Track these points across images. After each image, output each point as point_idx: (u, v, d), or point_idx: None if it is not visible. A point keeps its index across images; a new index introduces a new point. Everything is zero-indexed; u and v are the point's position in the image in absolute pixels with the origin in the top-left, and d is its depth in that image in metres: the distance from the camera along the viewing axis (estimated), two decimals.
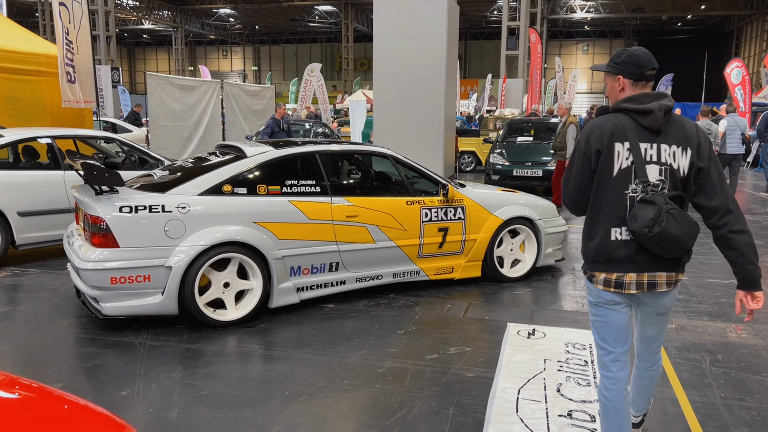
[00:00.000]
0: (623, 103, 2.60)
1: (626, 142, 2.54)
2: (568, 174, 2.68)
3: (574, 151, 2.66)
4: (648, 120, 2.54)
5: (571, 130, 10.17)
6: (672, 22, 49.50)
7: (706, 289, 5.77)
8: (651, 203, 2.48)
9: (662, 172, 2.55)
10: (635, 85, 2.64)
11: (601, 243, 2.60)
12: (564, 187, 2.71)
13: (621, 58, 2.66)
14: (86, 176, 4.41)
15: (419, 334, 4.57)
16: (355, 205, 5.14)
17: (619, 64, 2.66)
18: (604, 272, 2.61)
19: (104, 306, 4.40)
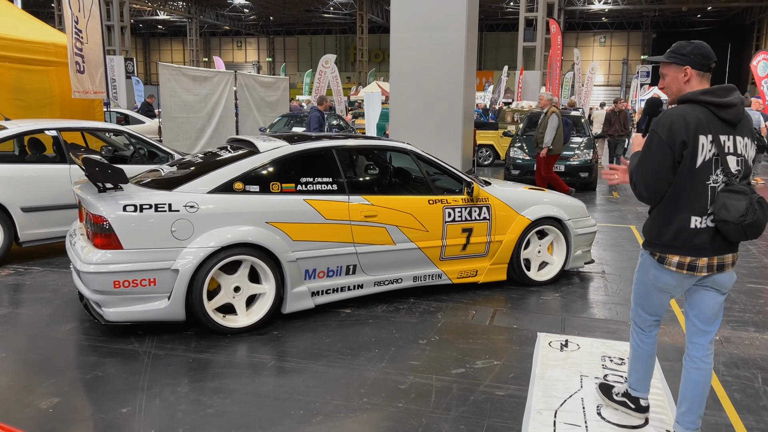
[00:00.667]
0: (702, 95, 2.66)
1: (709, 135, 2.64)
2: (642, 162, 2.72)
3: (651, 140, 2.69)
4: (729, 113, 2.65)
5: (552, 120, 9.82)
6: (692, 14, 48.55)
7: (748, 296, 5.40)
8: (740, 193, 2.62)
9: (739, 163, 2.70)
10: (701, 78, 2.75)
11: (679, 229, 2.73)
12: (639, 175, 2.73)
13: (688, 50, 2.73)
14: (87, 172, 4.12)
15: (443, 344, 4.25)
16: (373, 205, 4.82)
17: (685, 55, 2.73)
18: (678, 255, 2.75)
19: (107, 311, 4.12)
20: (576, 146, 11.51)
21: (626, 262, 6.49)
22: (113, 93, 24.11)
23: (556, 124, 9.78)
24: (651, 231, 2.84)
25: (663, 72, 2.82)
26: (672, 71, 2.77)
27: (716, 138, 2.64)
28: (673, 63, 2.76)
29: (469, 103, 12.94)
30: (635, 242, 7.36)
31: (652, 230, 2.84)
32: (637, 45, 53.55)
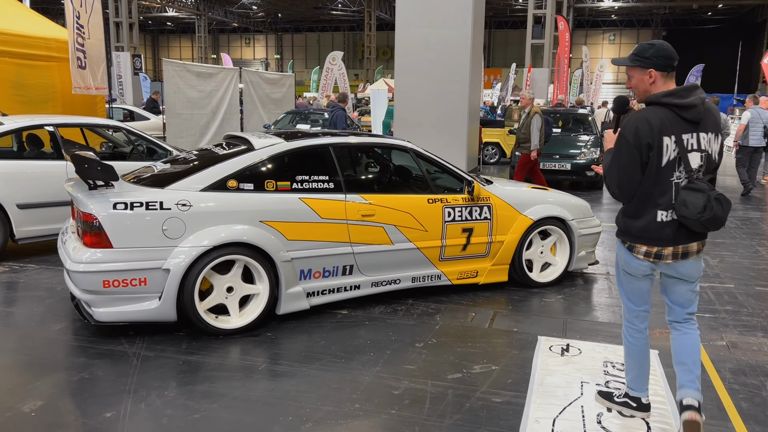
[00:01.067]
0: (664, 98, 2.81)
1: (673, 136, 2.80)
2: (613, 164, 2.87)
3: (620, 144, 2.84)
4: (691, 114, 2.81)
5: (536, 120, 9.64)
6: (702, 12, 48.03)
7: (757, 299, 5.25)
8: (698, 191, 2.79)
9: (702, 158, 2.86)
10: (666, 77, 2.88)
11: (648, 223, 2.91)
12: (612, 176, 2.89)
13: (650, 52, 2.86)
14: (77, 169, 4.03)
15: (440, 347, 4.13)
16: (371, 203, 4.71)
17: (649, 58, 2.86)
18: (645, 245, 2.94)
19: (96, 311, 4.03)
20: (583, 145, 11.35)
21: None
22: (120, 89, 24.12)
23: (539, 124, 9.63)
24: (622, 223, 3.02)
25: (629, 74, 2.98)
26: (637, 74, 2.93)
27: (679, 138, 2.81)
28: (637, 66, 2.91)
29: (475, 100, 12.79)
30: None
31: (622, 222, 3.01)
32: None
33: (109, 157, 7.27)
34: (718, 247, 7.08)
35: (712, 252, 6.83)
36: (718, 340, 4.33)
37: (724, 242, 7.30)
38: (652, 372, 3.77)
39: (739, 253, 6.81)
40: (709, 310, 4.96)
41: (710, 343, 4.28)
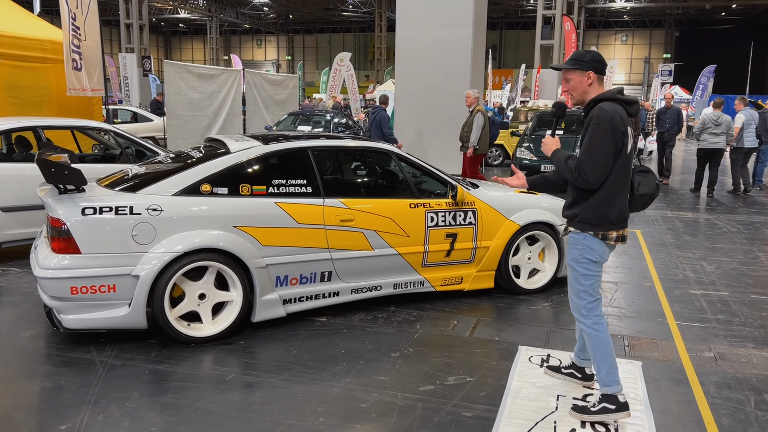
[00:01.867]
0: (618, 95, 3.14)
1: (629, 127, 3.12)
2: (591, 153, 3.05)
3: (596, 134, 3.04)
4: (633, 109, 3.17)
5: (478, 119, 9.56)
6: (716, 12, 47.49)
7: (750, 308, 5.09)
8: (647, 172, 3.33)
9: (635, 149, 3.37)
10: (600, 80, 3.21)
11: (622, 207, 3.18)
12: (587, 164, 3.05)
13: (588, 57, 3.19)
14: (44, 174, 3.95)
15: (416, 357, 4.01)
16: (350, 208, 4.60)
17: (587, 62, 3.17)
18: (616, 231, 3.18)
19: (65, 318, 3.95)
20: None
21: (626, 269, 6.19)
22: (125, 91, 24.20)
23: (482, 123, 9.56)
24: (596, 213, 3.15)
25: (567, 77, 3.22)
26: (576, 76, 3.18)
27: (630, 129, 3.15)
28: (577, 69, 3.18)
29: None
30: (638, 247, 7.05)
31: (597, 212, 3.14)
32: (659, 43, 52.62)
33: (100, 160, 7.23)
34: (716, 252, 6.90)
35: (709, 258, 6.66)
36: (705, 351, 4.18)
37: (723, 248, 7.12)
38: (633, 384, 3.64)
39: (737, 258, 6.62)
40: (700, 319, 4.80)
41: (697, 354, 4.13)
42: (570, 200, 3.30)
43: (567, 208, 3.32)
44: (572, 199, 3.27)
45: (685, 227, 8.27)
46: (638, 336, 4.43)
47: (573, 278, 3.29)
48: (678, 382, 3.72)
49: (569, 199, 3.31)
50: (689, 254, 6.83)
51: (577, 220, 3.21)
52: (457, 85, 11.76)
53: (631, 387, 3.61)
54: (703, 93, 28.60)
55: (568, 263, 3.32)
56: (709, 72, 29.61)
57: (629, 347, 4.25)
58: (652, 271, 6.14)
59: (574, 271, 3.27)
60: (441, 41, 11.79)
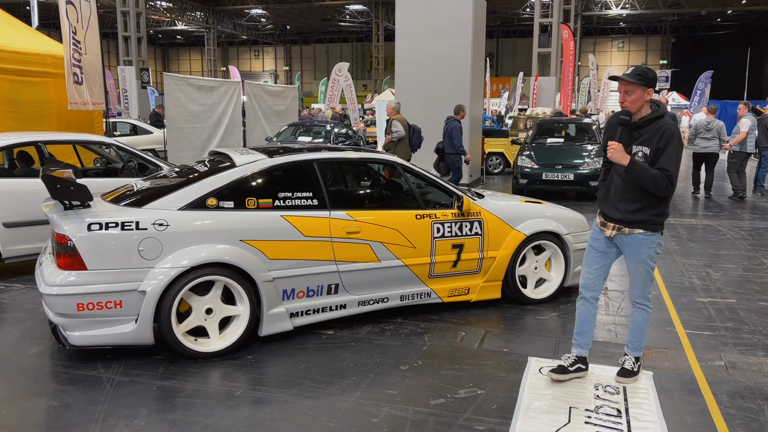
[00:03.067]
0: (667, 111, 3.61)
1: None
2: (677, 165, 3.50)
3: (679, 150, 3.49)
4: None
5: (394, 125, 9.84)
6: (711, 18, 47.67)
7: (759, 315, 5.06)
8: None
9: None
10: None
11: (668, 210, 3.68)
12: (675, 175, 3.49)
13: (651, 75, 3.51)
14: (49, 191, 3.93)
15: (426, 370, 3.98)
16: (356, 220, 4.58)
17: (651, 79, 3.50)
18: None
19: (71, 335, 3.92)
20: (586, 154, 11.17)
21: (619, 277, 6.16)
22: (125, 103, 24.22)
23: (400, 127, 9.83)
24: (663, 216, 3.62)
25: (629, 90, 3.49)
26: (639, 91, 3.48)
27: None
28: (642, 85, 3.46)
29: (477, 110, 12.70)
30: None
31: (661, 215, 3.61)
32: (655, 50, 52.82)
33: (103, 174, 7.22)
34: (721, 259, 6.88)
35: (714, 265, 6.64)
36: (716, 360, 4.15)
37: (728, 254, 7.10)
38: (646, 395, 3.61)
39: (743, 265, 6.60)
40: (709, 327, 4.78)
41: (708, 363, 4.10)
42: (638, 205, 3.57)
43: (634, 213, 3.58)
44: (642, 205, 3.56)
45: (689, 234, 8.26)
46: (648, 345, 4.39)
47: (646, 274, 3.67)
48: (690, 392, 3.69)
49: (636, 205, 3.57)
50: (694, 261, 6.81)
51: (651, 223, 3.59)
52: (456, 93, 11.77)
53: (643, 398, 3.58)
54: (700, 99, 28.65)
55: (641, 261, 3.65)
56: (706, 78, 29.68)
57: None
58: (658, 278, 6.12)
59: (648, 267, 3.65)
60: (440, 50, 11.82)
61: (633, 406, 3.49)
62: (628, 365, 3.83)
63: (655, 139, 3.48)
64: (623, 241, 3.67)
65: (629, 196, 3.58)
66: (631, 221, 3.59)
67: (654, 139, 3.48)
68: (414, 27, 12.08)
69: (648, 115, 3.53)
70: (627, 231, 3.62)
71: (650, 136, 3.51)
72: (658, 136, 3.47)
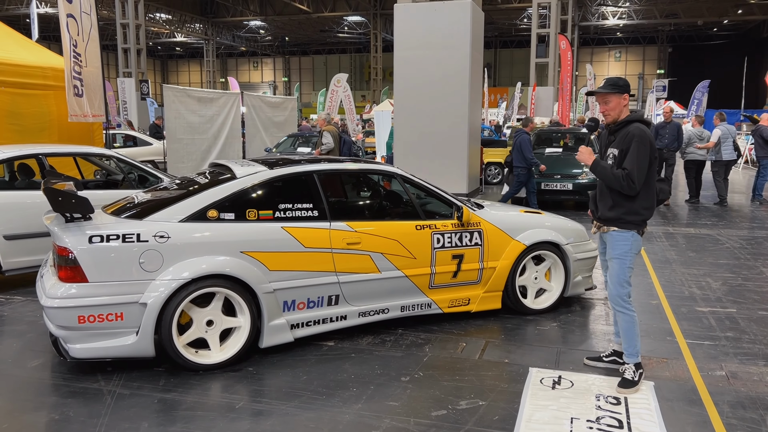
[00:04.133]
0: (643, 117, 3.91)
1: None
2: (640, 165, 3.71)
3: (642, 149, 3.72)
4: (651, 129, 4.02)
5: (325, 138, 10.16)
6: (708, 28, 47.98)
7: (759, 325, 5.07)
8: (664, 181, 4.13)
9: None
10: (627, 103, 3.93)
11: (651, 207, 3.87)
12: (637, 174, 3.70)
13: (622, 82, 3.86)
14: (51, 203, 3.95)
15: (427, 381, 3.98)
16: (356, 231, 4.59)
17: (623, 86, 3.85)
18: (645, 227, 3.92)
19: (72, 347, 3.92)
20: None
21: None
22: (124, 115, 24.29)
23: (329, 139, 10.09)
24: (637, 214, 3.83)
25: (607, 99, 3.84)
26: (616, 98, 3.83)
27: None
28: (615, 93, 3.82)
29: (475, 120, 12.74)
30: (643, 265, 7.03)
31: (638, 214, 3.83)
32: (652, 59, 53.08)
33: (103, 186, 7.23)
34: (720, 268, 6.89)
35: (714, 274, 6.65)
36: (717, 370, 4.15)
37: (728, 263, 7.11)
38: (647, 405, 3.61)
39: (742, 274, 6.61)
40: (710, 337, 4.78)
41: (709, 373, 4.10)
42: (610, 203, 3.86)
43: (607, 211, 3.88)
44: (612, 203, 3.85)
45: (688, 243, 8.27)
46: (648, 355, 4.40)
47: (619, 270, 3.86)
48: (691, 402, 3.69)
49: (608, 203, 3.87)
50: (694, 270, 6.82)
51: (622, 221, 3.83)
52: (455, 104, 11.82)
53: (644, 408, 3.58)
54: (698, 108, 28.74)
55: (614, 257, 3.87)
56: (704, 87, 29.81)
57: None
58: (657, 288, 6.12)
59: (621, 263, 3.85)
60: (438, 61, 11.87)
61: (634, 416, 3.49)
62: (628, 375, 3.88)
63: (622, 141, 3.80)
64: (605, 239, 4.00)
65: (604, 196, 3.92)
66: (605, 219, 3.91)
67: (621, 142, 3.80)
68: (412, 38, 12.13)
69: (621, 120, 3.86)
70: (605, 229, 3.94)
71: (620, 140, 3.83)
72: (623, 139, 3.79)
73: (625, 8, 41.87)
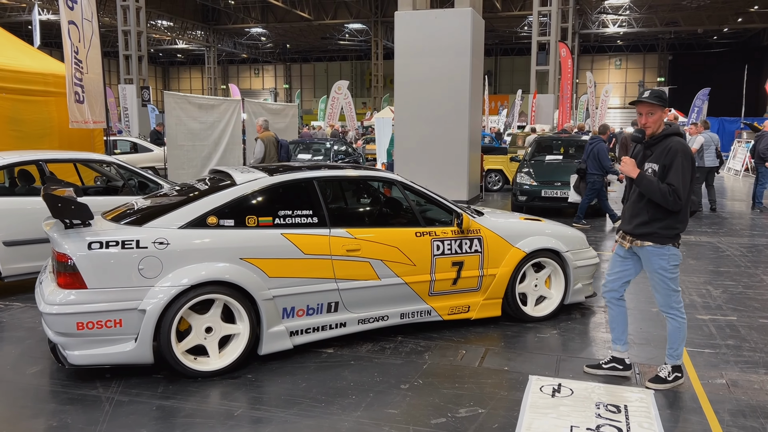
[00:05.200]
0: (678, 131, 3.87)
1: None
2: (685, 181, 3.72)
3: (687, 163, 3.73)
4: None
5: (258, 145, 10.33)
6: (708, 36, 48.12)
7: (760, 333, 5.05)
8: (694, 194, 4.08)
9: None
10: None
11: (686, 220, 3.88)
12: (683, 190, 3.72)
13: (666, 95, 3.85)
14: (50, 210, 3.94)
15: (426, 389, 3.97)
16: (356, 238, 4.59)
17: (666, 100, 3.84)
18: (679, 239, 3.93)
19: (70, 354, 3.91)
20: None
21: (632, 294, 6.17)
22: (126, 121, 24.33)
23: (260, 148, 10.23)
24: (671, 228, 3.84)
25: (650, 111, 3.82)
26: (659, 111, 3.82)
27: None
28: (660, 105, 3.80)
29: (476, 127, 12.76)
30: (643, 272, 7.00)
31: (673, 226, 3.84)
32: (653, 67, 53.16)
33: (103, 192, 7.23)
34: (721, 276, 6.88)
35: (714, 282, 6.63)
36: (717, 378, 4.14)
37: (728, 271, 7.10)
38: (647, 414, 3.60)
39: (743, 282, 6.60)
40: (710, 345, 4.77)
41: (709, 381, 4.09)
42: (646, 218, 3.86)
43: (642, 226, 3.88)
44: (649, 218, 3.85)
45: (689, 251, 8.26)
46: (649, 363, 4.39)
47: (662, 282, 3.92)
48: (692, 411, 3.68)
49: (644, 218, 3.87)
50: (694, 278, 6.81)
51: (657, 236, 3.84)
52: (455, 111, 11.84)
53: (644, 416, 3.56)
54: (698, 116, 28.75)
55: (654, 272, 3.94)
56: (704, 95, 29.84)
57: (640, 375, 4.21)
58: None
59: (662, 277, 3.91)
60: (439, 69, 11.90)
61: (634, 424, 3.48)
62: (662, 373, 4.02)
63: (662, 156, 3.78)
64: (639, 253, 3.99)
65: (638, 211, 3.89)
66: (639, 234, 3.90)
67: (662, 156, 3.78)
68: (413, 45, 12.17)
69: (659, 133, 3.86)
70: (638, 243, 3.92)
71: (659, 154, 3.81)
72: (665, 154, 3.77)
73: (626, 16, 41.99)
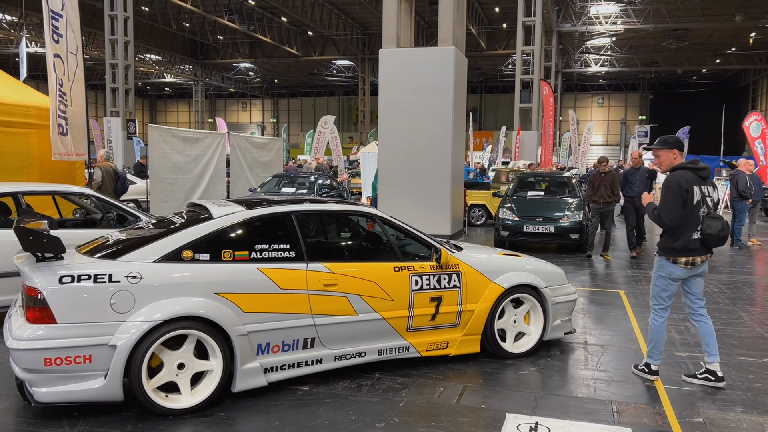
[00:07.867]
0: (688, 165, 4.61)
1: (696, 186, 4.53)
2: (666, 205, 4.53)
3: (669, 192, 4.52)
4: (704, 173, 4.60)
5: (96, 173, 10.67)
6: (687, 76, 49.25)
7: (737, 370, 5.05)
8: (716, 218, 4.56)
9: (712, 200, 4.62)
10: (681, 155, 4.73)
11: (686, 241, 4.56)
12: (664, 213, 4.54)
13: (672, 140, 4.75)
14: (21, 243, 3.88)
15: (402, 428, 3.90)
16: (333, 272, 4.56)
17: (671, 143, 4.73)
18: (684, 257, 4.58)
19: (37, 391, 3.80)
20: (566, 207, 11.30)
21: (611, 331, 6.16)
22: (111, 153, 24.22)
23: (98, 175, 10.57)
24: (665, 245, 4.65)
25: (657, 154, 4.74)
26: (664, 153, 4.71)
27: (700, 187, 4.55)
28: (664, 148, 4.71)
29: (458, 162, 12.85)
30: (623, 308, 7.03)
31: (665, 245, 4.65)
32: (634, 105, 54.16)
33: (81, 225, 7.15)
34: None
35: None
36: (695, 417, 4.12)
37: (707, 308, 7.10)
38: None
39: (721, 319, 6.62)
40: (688, 382, 4.75)
41: (687, 420, 4.06)
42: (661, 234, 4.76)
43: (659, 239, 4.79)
44: (660, 234, 4.75)
45: None
46: (626, 401, 4.36)
47: (655, 286, 4.78)
48: None
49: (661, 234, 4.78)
50: (673, 315, 6.79)
51: (660, 248, 4.70)
52: (439, 147, 11.96)
53: None
54: None
55: (654, 275, 4.81)
56: (684, 133, 30.44)
57: (618, 413, 4.17)
58: (637, 332, 6.11)
59: (654, 282, 4.78)
60: (423, 105, 12.04)
61: None
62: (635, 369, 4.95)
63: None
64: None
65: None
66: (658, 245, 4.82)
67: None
68: (397, 82, 12.32)
69: (670, 169, 4.66)
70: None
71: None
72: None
73: (607, 56, 42.89)
